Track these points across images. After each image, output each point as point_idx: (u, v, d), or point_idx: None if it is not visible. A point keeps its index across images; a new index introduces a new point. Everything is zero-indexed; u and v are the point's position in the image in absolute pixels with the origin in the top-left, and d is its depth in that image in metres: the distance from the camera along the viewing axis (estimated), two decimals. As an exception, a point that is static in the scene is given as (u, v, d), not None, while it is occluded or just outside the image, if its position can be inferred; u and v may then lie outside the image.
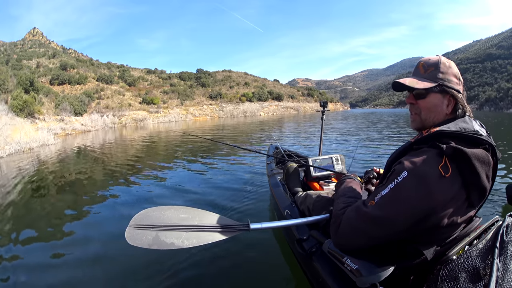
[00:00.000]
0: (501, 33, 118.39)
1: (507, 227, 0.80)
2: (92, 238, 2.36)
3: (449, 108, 0.86)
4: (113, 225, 2.59)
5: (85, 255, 2.06)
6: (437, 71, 0.86)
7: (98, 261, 1.98)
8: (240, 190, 3.47)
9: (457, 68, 0.89)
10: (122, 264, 1.92)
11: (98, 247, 2.19)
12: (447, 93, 0.85)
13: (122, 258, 1.97)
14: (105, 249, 2.14)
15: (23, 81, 15.21)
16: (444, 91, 0.85)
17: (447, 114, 0.87)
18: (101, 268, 1.89)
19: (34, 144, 8.16)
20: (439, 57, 0.89)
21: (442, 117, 0.87)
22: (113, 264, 1.93)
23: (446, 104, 0.86)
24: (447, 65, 0.87)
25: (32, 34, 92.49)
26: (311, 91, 56.16)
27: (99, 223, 2.70)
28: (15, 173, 4.94)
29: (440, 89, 0.85)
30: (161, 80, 40.06)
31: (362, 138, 8.93)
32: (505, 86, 60.78)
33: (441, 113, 0.87)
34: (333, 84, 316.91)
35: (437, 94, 0.86)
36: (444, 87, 0.85)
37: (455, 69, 0.88)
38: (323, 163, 2.06)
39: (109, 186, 3.98)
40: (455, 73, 0.87)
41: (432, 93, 0.86)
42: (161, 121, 23.99)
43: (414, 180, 0.74)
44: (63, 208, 3.16)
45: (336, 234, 0.90)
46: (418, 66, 0.92)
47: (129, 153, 7.48)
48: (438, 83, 0.85)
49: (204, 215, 1.09)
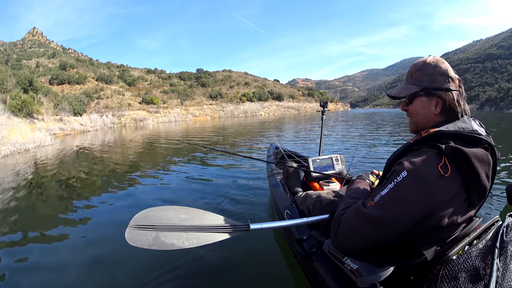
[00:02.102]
0: (501, 33, 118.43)
1: (507, 227, 0.80)
2: (92, 238, 2.36)
3: (438, 109, 0.87)
4: (113, 225, 2.59)
5: (85, 256, 2.06)
6: (423, 74, 0.88)
7: (98, 261, 1.97)
8: (240, 190, 3.47)
9: (446, 65, 0.87)
10: (122, 265, 1.92)
11: (98, 247, 2.18)
12: (433, 95, 0.86)
13: (122, 259, 1.97)
14: (105, 250, 2.14)
15: (22, 80, 15.17)
16: (429, 93, 0.87)
17: (436, 115, 0.87)
18: (101, 268, 1.89)
19: (30, 145, 7.88)
20: (427, 58, 0.90)
21: (432, 118, 0.88)
22: (113, 264, 1.93)
23: (434, 105, 0.87)
24: (432, 66, 0.87)
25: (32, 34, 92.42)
26: (311, 91, 56.16)
27: (99, 223, 2.69)
28: (11, 175, 4.91)
29: (426, 92, 0.87)
30: (161, 80, 40.06)
31: (362, 138, 8.93)
32: (505, 86, 60.82)
33: (430, 114, 0.88)
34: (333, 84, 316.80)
35: (423, 97, 0.88)
36: (430, 89, 0.86)
37: (442, 67, 0.86)
38: (323, 163, 2.06)
39: (108, 187, 3.98)
40: (442, 71, 0.86)
41: (418, 97, 0.89)
42: (161, 121, 23.97)
43: (414, 180, 0.74)
44: (62, 210, 3.16)
45: (335, 236, 0.89)
46: (408, 72, 0.94)
47: (129, 153, 7.48)
48: (423, 87, 0.87)
49: (204, 215, 1.09)
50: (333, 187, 1.90)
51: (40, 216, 2.97)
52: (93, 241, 2.31)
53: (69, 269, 1.89)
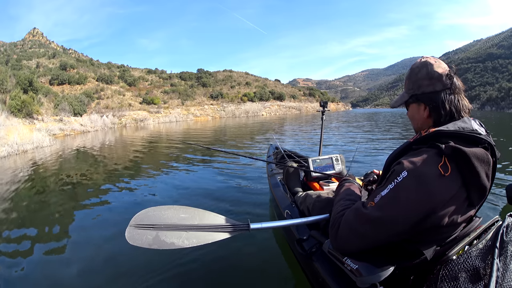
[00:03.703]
0: (502, 33, 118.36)
1: (507, 227, 0.80)
2: (92, 238, 2.36)
3: (426, 113, 0.88)
4: (113, 225, 2.59)
5: (85, 256, 2.06)
6: (410, 82, 0.92)
7: (98, 261, 1.98)
8: (240, 190, 3.47)
9: (431, 67, 0.85)
10: (122, 264, 1.92)
11: (98, 247, 2.19)
12: (420, 101, 0.89)
13: (122, 258, 1.97)
14: (105, 250, 2.14)
15: (22, 81, 15.17)
16: (416, 99, 0.90)
17: (426, 118, 0.89)
18: (101, 268, 1.89)
19: (28, 146, 7.77)
20: (415, 63, 0.92)
21: (425, 121, 0.90)
22: (113, 264, 1.93)
23: (422, 109, 0.89)
24: (416, 71, 0.89)
25: (32, 34, 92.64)
26: (312, 91, 56.20)
27: (99, 223, 2.70)
28: (10, 177, 4.90)
29: (414, 99, 0.91)
30: (162, 80, 40.10)
31: (362, 138, 8.92)
32: (506, 86, 60.67)
33: (421, 119, 0.91)
34: (333, 84, 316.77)
35: (413, 104, 0.92)
36: (416, 96, 0.90)
37: (424, 70, 0.86)
38: (323, 163, 2.06)
39: (108, 187, 3.98)
40: (424, 75, 0.86)
41: (410, 104, 0.94)
42: (162, 121, 23.99)
43: (414, 180, 0.74)
44: (62, 210, 3.17)
45: (335, 238, 0.89)
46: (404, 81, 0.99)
47: (129, 154, 7.49)
48: (411, 94, 0.91)
49: (205, 215, 1.09)
50: (333, 187, 1.90)
51: (40, 216, 2.97)
52: (93, 241, 2.31)
53: (69, 269, 1.89)
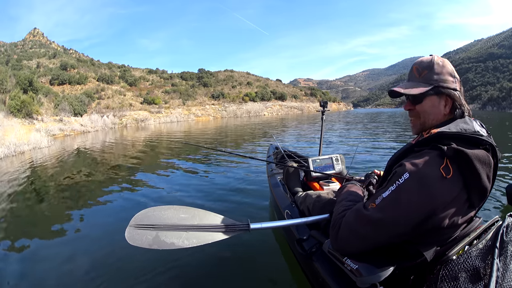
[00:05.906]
0: (502, 33, 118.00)
1: (507, 227, 0.80)
2: (92, 238, 2.36)
3: (447, 109, 0.86)
4: (113, 225, 2.59)
5: (85, 256, 2.07)
6: (432, 73, 0.85)
7: (98, 261, 1.98)
8: (241, 190, 3.47)
9: (451, 66, 0.87)
10: (122, 265, 1.92)
11: (98, 247, 2.19)
12: (443, 94, 0.85)
13: (122, 258, 1.97)
14: (105, 250, 2.14)
15: (21, 81, 15.19)
16: (439, 92, 0.85)
17: (445, 114, 0.86)
18: (101, 268, 1.89)
19: (25, 147, 7.64)
20: (432, 57, 0.88)
21: (441, 118, 0.86)
22: (113, 264, 1.93)
23: (443, 105, 0.86)
24: (441, 65, 0.86)
25: (33, 34, 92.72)
26: (313, 90, 56.21)
27: (99, 223, 2.70)
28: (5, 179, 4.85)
29: (436, 91, 0.85)
30: (163, 80, 40.12)
31: (362, 138, 8.91)
32: (507, 86, 60.45)
33: (439, 114, 0.86)
34: (334, 84, 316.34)
35: (433, 96, 0.86)
36: (440, 88, 0.84)
37: (449, 67, 0.86)
38: (323, 163, 2.06)
39: (108, 188, 3.99)
40: (450, 71, 0.86)
41: (428, 96, 0.86)
42: (163, 121, 23.99)
43: (416, 182, 0.74)
44: (61, 210, 3.17)
45: (336, 239, 0.89)
46: (412, 70, 0.91)
47: (129, 154, 7.49)
48: (434, 85, 0.85)
49: (205, 215, 1.09)
50: (333, 187, 1.90)
51: (39, 217, 2.98)
52: (93, 241, 2.32)
53: (69, 269, 1.90)
